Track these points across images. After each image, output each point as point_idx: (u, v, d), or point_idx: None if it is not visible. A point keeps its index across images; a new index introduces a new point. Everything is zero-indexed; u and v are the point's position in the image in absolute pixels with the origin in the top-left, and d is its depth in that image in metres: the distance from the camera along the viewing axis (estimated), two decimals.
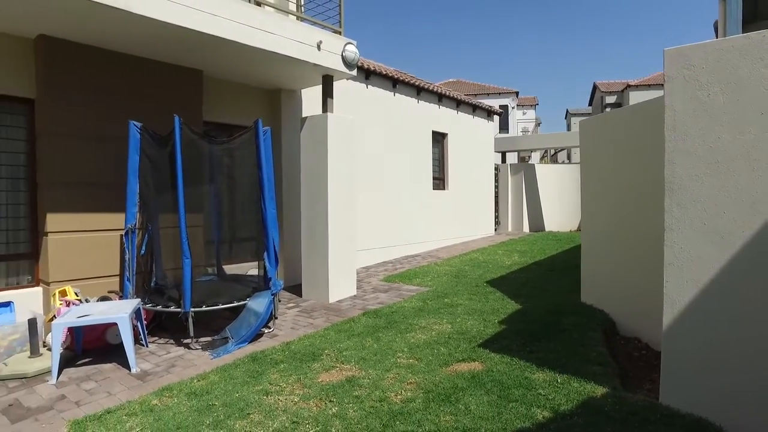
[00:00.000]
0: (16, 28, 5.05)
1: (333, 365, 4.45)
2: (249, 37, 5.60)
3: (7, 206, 5.27)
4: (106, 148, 5.52)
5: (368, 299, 6.98)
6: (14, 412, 3.69)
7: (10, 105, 5.27)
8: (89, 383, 4.19)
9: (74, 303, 4.85)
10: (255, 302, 5.17)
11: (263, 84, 7.59)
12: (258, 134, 5.23)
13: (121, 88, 5.72)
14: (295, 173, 7.87)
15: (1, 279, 5.23)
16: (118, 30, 5.06)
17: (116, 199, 5.48)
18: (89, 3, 4.36)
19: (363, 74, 9.61)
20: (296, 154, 7.81)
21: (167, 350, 4.97)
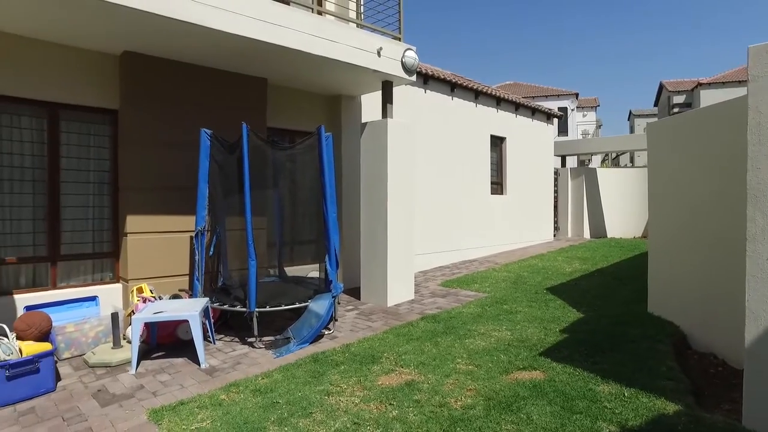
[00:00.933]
0: (105, 46, 5.47)
1: (392, 369, 4.49)
2: (312, 46, 5.77)
3: (93, 209, 5.72)
4: (179, 154, 5.86)
5: (426, 304, 6.98)
6: (102, 397, 3.99)
7: (97, 116, 5.71)
8: (163, 375, 4.45)
9: (150, 300, 5.17)
10: (316, 304, 5.31)
11: (324, 90, 7.79)
12: (321, 140, 5.38)
13: (193, 98, 6.05)
14: (354, 177, 8.01)
15: (87, 275, 5.68)
16: (192, 43, 5.37)
17: (187, 203, 5.81)
18: (171, 20, 4.65)
19: (421, 79, 9.66)
20: (356, 159, 7.95)
21: (233, 348, 5.19)
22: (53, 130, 5.43)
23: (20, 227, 5.25)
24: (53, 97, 5.37)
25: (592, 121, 37.87)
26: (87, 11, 4.47)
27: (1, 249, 5.11)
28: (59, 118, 5.47)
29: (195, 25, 4.80)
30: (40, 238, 5.36)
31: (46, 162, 5.39)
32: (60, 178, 5.47)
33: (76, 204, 5.59)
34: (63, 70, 5.39)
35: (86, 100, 5.58)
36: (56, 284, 5.44)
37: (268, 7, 5.37)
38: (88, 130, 5.68)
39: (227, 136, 5.80)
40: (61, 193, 5.48)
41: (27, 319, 4.21)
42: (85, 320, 5.04)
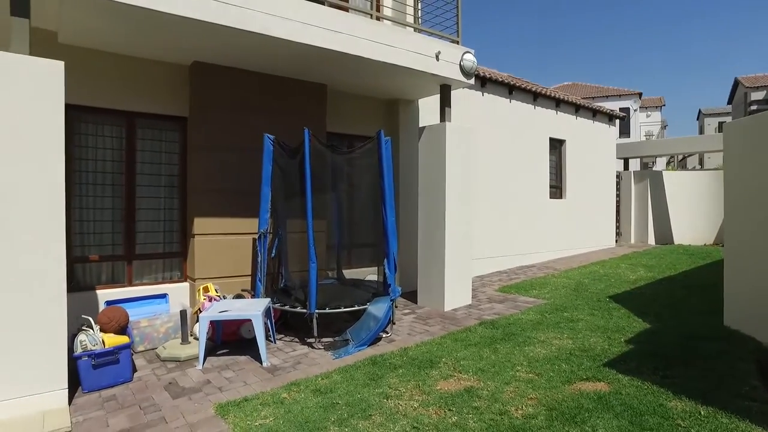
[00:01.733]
0: (176, 57, 5.79)
1: (450, 374, 4.46)
2: (371, 52, 5.84)
3: (164, 211, 6.05)
4: (243, 159, 6.09)
5: (484, 309, 6.89)
6: (173, 390, 4.21)
7: (168, 123, 6.04)
8: (228, 372, 4.63)
9: (215, 299, 5.40)
10: (375, 307, 5.37)
11: (382, 95, 7.87)
12: (380, 144, 5.43)
13: (257, 104, 6.28)
14: (411, 181, 8.03)
15: (158, 273, 6.02)
16: (256, 52, 5.57)
17: (250, 206, 6.02)
18: (238, 31, 4.85)
19: (479, 82, 9.55)
20: (413, 163, 7.98)
21: (293, 348, 5.32)
22: (130, 137, 5.81)
23: (101, 228, 5.64)
24: (130, 106, 5.73)
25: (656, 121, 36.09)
26: (164, 26, 4.74)
27: (86, 248, 5.51)
28: (136, 126, 5.84)
29: (260, 34, 4.98)
30: (117, 238, 5.74)
31: (124, 167, 5.77)
32: (135, 182, 5.83)
33: (149, 207, 5.94)
34: (139, 82, 5.74)
35: (159, 108, 5.91)
36: (132, 281, 5.79)
37: (329, 15, 5.50)
38: (160, 136, 6.02)
39: (289, 141, 5.97)
40: (137, 196, 5.84)
41: (108, 313, 4.51)
42: (157, 316, 5.33)
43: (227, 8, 4.72)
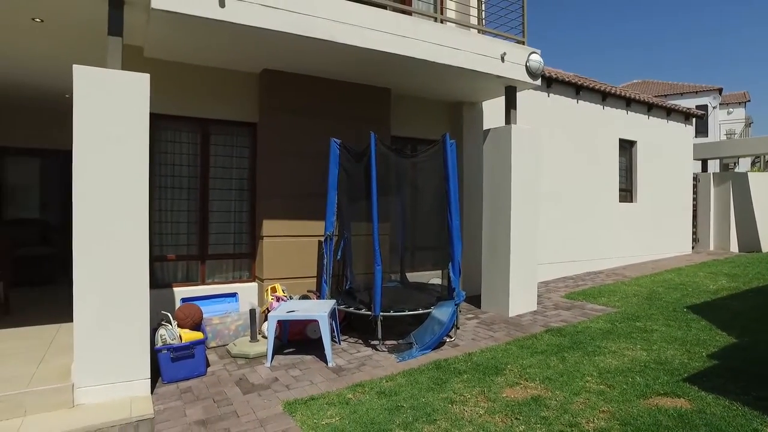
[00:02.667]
0: (247, 66, 6.04)
1: (517, 381, 4.36)
2: (436, 55, 5.83)
3: (234, 213, 6.32)
4: (309, 162, 6.26)
5: (549, 316, 6.68)
6: (243, 385, 4.38)
7: (239, 129, 6.32)
8: (294, 371, 4.75)
9: (282, 299, 5.57)
10: (439, 311, 5.34)
11: (446, 98, 7.83)
12: (446, 148, 5.41)
13: (323, 109, 6.43)
14: (475, 184, 7.95)
15: (229, 273, 6.29)
16: (323, 59, 5.70)
17: (317, 209, 6.17)
18: (306, 39, 5.00)
19: (544, 82, 9.30)
20: (477, 166, 7.89)
21: (357, 349, 5.39)
22: (204, 143, 6.12)
23: (178, 229, 5.97)
24: (205, 113, 6.03)
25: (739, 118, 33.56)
26: (237, 37, 4.97)
27: (164, 247, 5.85)
28: (210, 132, 6.15)
29: (325, 41, 5.10)
30: (192, 239, 6.06)
31: (198, 171, 6.09)
32: (209, 185, 6.13)
33: (221, 209, 6.23)
34: (213, 90, 6.04)
35: (231, 115, 6.19)
36: (204, 280, 6.09)
37: (393, 19, 5.55)
38: (231, 142, 6.31)
39: (354, 145, 6.07)
40: (210, 199, 6.14)
41: (185, 310, 4.77)
42: (228, 314, 5.57)
43: (295, 17, 4.87)
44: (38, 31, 5.02)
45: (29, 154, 9.33)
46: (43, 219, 9.44)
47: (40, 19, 4.74)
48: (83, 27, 4.86)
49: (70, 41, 5.27)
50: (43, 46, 5.47)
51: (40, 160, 9.50)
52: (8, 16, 4.66)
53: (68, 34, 5.09)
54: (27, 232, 8.47)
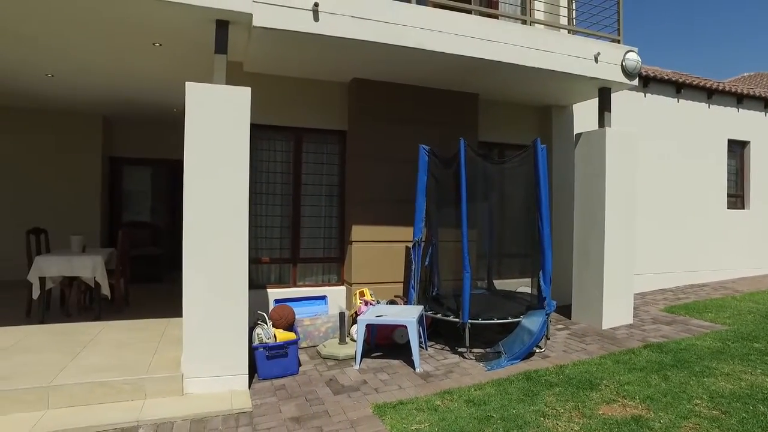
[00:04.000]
0: (337, 76, 6.27)
1: (614, 398, 4.12)
2: (525, 58, 5.70)
3: (325, 218, 6.57)
4: (398, 169, 6.37)
5: (648, 330, 6.26)
6: (333, 386, 4.52)
7: (329, 137, 6.57)
8: (382, 374, 4.82)
9: (371, 303, 5.68)
10: (529, 320, 5.20)
11: (534, 101, 7.63)
12: (537, 153, 5.28)
13: (411, 116, 6.51)
14: (563, 190, 7.67)
15: (318, 276, 6.55)
16: (410, 66, 5.78)
17: (404, 215, 6.25)
18: (394, 47, 5.10)
19: (640, 82, 8.75)
20: (566, 171, 7.62)
21: (444, 356, 5.37)
22: (297, 151, 6.43)
23: (272, 233, 6.31)
24: (297, 122, 6.34)
25: None
26: (329, 48, 5.19)
27: (259, 250, 6.20)
28: (302, 140, 6.45)
29: (414, 49, 5.17)
30: (285, 243, 6.37)
31: (291, 178, 6.40)
32: (301, 192, 6.42)
33: (312, 215, 6.51)
34: (305, 100, 6.33)
35: (321, 123, 6.45)
36: (296, 282, 6.38)
37: (481, 24, 5.51)
38: (322, 149, 6.57)
39: (442, 151, 6.08)
40: (302, 204, 6.43)
41: (279, 311, 5.02)
42: (318, 316, 5.78)
43: (384, 26, 4.99)
44: (155, 53, 5.54)
45: (141, 164, 10.31)
46: (153, 222, 10.37)
47: (158, 44, 5.24)
48: (191, 47, 5.30)
49: (179, 60, 5.78)
50: (157, 66, 6.04)
51: (150, 168, 10.45)
52: (134, 42, 5.22)
53: (178, 55, 5.58)
54: (139, 233, 9.32)
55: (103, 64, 6.10)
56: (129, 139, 9.90)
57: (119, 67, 6.16)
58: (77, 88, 7.35)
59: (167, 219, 10.43)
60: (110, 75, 6.56)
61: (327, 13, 4.80)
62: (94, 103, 8.35)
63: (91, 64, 6.12)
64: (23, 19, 4.71)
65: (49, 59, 5.97)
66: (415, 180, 6.00)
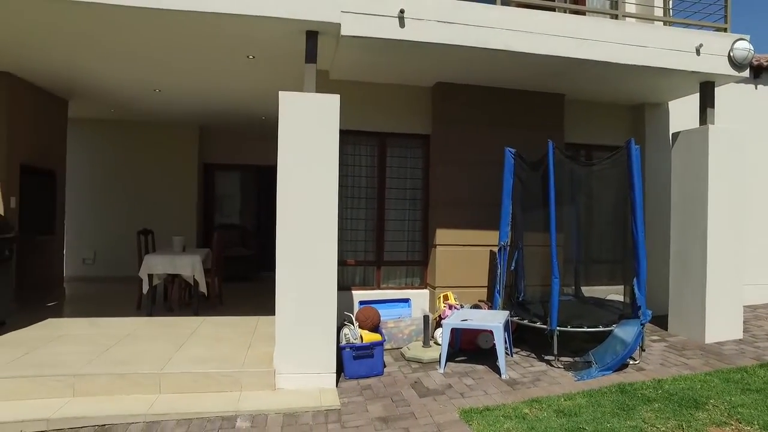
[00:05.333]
0: (420, 80, 6.33)
1: (725, 421, 3.81)
2: (616, 55, 5.44)
3: (408, 222, 6.64)
4: (481, 172, 6.30)
5: (762, 347, 5.70)
6: (419, 389, 4.55)
7: (413, 141, 6.64)
8: (467, 379, 4.78)
9: (455, 307, 5.66)
10: (622, 330, 4.93)
11: (625, 100, 7.23)
12: (631, 154, 5.01)
13: (495, 119, 6.42)
14: (657, 193, 7.21)
15: (402, 279, 6.62)
16: (495, 68, 5.70)
17: (488, 218, 6.17)
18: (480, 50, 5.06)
19: (751, 73, 7.99)
20: (659, 172, 7.16)
21: (530, 363, 5.23)
22: (381, 155, 6.55)
23: (357, 236, 6.47)
24: (381, 127, 6.46)
25: None
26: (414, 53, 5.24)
27: (345, 253, 6.38)
28: (386, 145, 6.56)
29: (501, 51, 5.09)
30: (369, 246, 6.51)
31: (376, 182, 6.53)
32: (385, 195, 6.54)
33: (395, 218, 6.60)
34: (389, 105, 6.43)
35: (405, 128, 6.52)
36: (380, 285, 6.49)
37: (570, 22, 5.33)
38: (405, 153, 6.65)
39: (526, 153, 5.94)
40: (386, 208, 6.54)
41: (365, 312, 5.13)
42: (401, 319, 5.84)
43: (470, 30, 4.97)
44: (249, 65, 5.89)
45: (231, 169, 10.98)
46: (242, 224, 10.99)
47: (252, 56, 5.57)
48: (281, 58, 5.59)
49: (269, 71, 6.11)
50: (250, 77, 6.42)
51: (239, 174, 11.10)
52: (231, 56, 5.59)
53: (269, 66, 5.89)
54: (230, 235, 9.91)
55: (202, 78, 6.59)
56: (220, 146, 10.58)
57: (217, 79, 6.61)
58: (179, 101, 7.98)
59: (255, 221, 11.01)
60: (208, 87, 7.06)
61: (413, 18, 4.86)
62: (192, 114, 9.02)
63: (193, 79, 6.63)
64: (146, 42, 5.23)
65: (158, 76, 6.55)
66: (500, 183, 5.91)
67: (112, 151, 9.81)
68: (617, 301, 5.86)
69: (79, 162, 9.38)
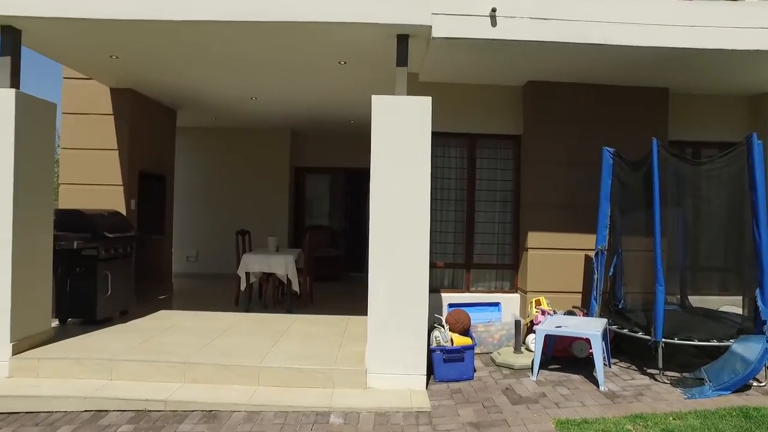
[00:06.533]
0: (511, 79, 6.18)
1: None
2: (733, 41, 4.93)
3: (498, 224, 6.52)
4: (576, 173, 6.03)
5: None
6: (510, 396, 4.43)
7: (503, 142, 6.51)
8: (562, 389, 4.58)
9: (548, 313, 5.45)
10: (742, 346, 4.47)
11: (739, 90, 6.56)
12: (752, 150, 4.54)
13: (590, 116, 6.12)
14: None
15: (491, 282, 6.50)
16: (592, 64, 5.44)
17: (583, 221, 5.88)
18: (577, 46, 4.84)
19: None
20: None
21: (630, 375, 4.90)
22: (470, 157, 6.48)
23: (446, 238, 6.44)
24: (470, 129, 6.38)
25: None
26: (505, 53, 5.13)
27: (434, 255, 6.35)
28: (476, 146, 6.48)
29: (601, 45, 4.83)
30: (458, 248, 6.46)
31: (465, 184, 6.47)
32: (474, 197, 6.46)
33: (485, 220, 6.49)
34: (478, 106, 6.35)
35: (494, 128, 6.41)
36: (469, 288, 6.42)
37: (678, 8, 4.91)
38: (495, 154, 6.53)
39: (625, 152, 5.59)
40: (475, 210, 6.46)
41: (455, 315, 5.09)
42: (491, 323, 5.72)
43: (565, 25, 4.76)
44: (340, 71, 6.07)
45: (320, 172, 11.39)
46: (330, 226, 11.35)
47: (344, 62, 5.74)
48: (370, 62, 5.70)
49: (359, 75, 6.25)
50: (340, 82, 6.62)
51: (328, 176, 11.48)
52: (324, 62, 5.80)
53: (359, 70, 6.03)
54: (319, 236, 10.26)
55: (295, 85, 6.90)
56: (310, 150, 11.02)
57: (308, 85, 6.88)
58: (273, 107, 8.42)
59: (343, 223, 11.33)
60: (300, 93, 7.38)
61: (505, 17, 4.75)
62: (284, 119, 9.47)
63: (286, 86, 6.96)
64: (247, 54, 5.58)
65: (255, 84, 6.95)
66: (595, 184, 5.61)
67: (211, 157, 10.58)
68: (733, 314, 5.33)
69: (184, 167, 10.18)
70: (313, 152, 11.04)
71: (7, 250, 4.52)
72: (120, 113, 7.24)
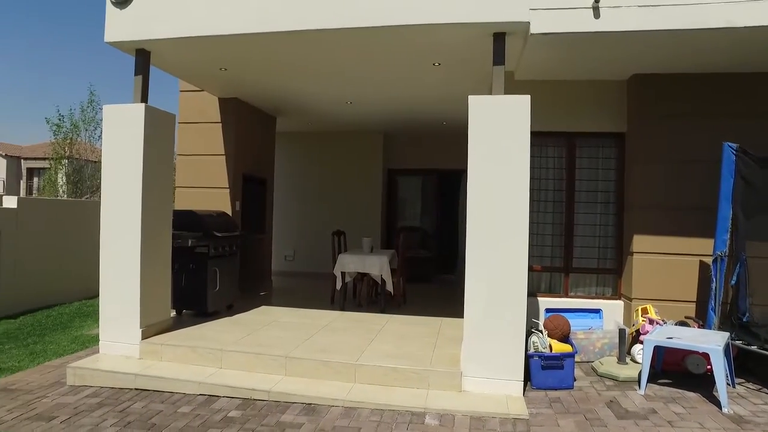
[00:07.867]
0: (613, 74, 5.82)
1: None
2: None
3: (599, 227, 6.16)
4: (690, 171, 5.55)
5: None
6: (615, 409, 4.16)
7: (604, 140, 6.15)
8: (675, 406, 4.22)
9: (657, 322, 5.05)
10: None
11: None
12: None
13: (707, 109, 5.59)
14: None
15: (592, 288, 6.16)
16: (707, 52, 4.96)
17: (698, 224, 5.39)
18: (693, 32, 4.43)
19: None
20: None
21: (761, 399, 4.40)
22: (569, 156, 6.18)
23: (543, 241, 6.20)
24: (568, 127, 6.08)
25: None
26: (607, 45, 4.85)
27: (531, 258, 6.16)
28: (575, 146, 6.17)
29: (723, 29, 4.38)
30: (556, 251, 6.19)
31: (564, 185, 6.18)
32: (574, 198, 6.15)
33: (585, 222, 6.16)
34: (578, 103, 6.04)
35: (594, 126, 6.07)
36: (567, 293, 6.12)
37: None
38: (596, 153, 6.17)
39: (753, 148, 5.03)
40: (575, 212, 6.15)
41: (554, 321, 4.89)
42: (592, 330, 5.42)
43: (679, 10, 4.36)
44: (434, 72, 6.08)
45: (412, 174, 11.47)
46: (422, 227, 11.39)
47: (438, 63, 5.74)
48: (464, 63, 5.65)
49: (452, 76, 6.22)
50: (434, 83, 6.62)
51: (420, 178, 11.53)
52: (419, 65, 5.85)
53: (452, 71, 5.99)
54: (411, 237, 10.34)
55: (389, 88, 7.02)
56: (402, 152, 11.13)
57: (402, 88, 6.97)
58: (367, 110, 8.63)
59: (434, 224, 11.31)
60: (393, 96, 7.49)
61: (609, 7, 4.47)
62: (377, 122, 9.67)
63: (380, 89, 7.11)
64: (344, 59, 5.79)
65: (351, 89, 7.17)
66: (710, 184, 5.12)
67: (307, 160, 11.05)
68: None
69: (282, 170, 10.73)
70: (406, 154, 11.15)
71: (137, 247, 5.06)
72: (227, 121, 7.83)
